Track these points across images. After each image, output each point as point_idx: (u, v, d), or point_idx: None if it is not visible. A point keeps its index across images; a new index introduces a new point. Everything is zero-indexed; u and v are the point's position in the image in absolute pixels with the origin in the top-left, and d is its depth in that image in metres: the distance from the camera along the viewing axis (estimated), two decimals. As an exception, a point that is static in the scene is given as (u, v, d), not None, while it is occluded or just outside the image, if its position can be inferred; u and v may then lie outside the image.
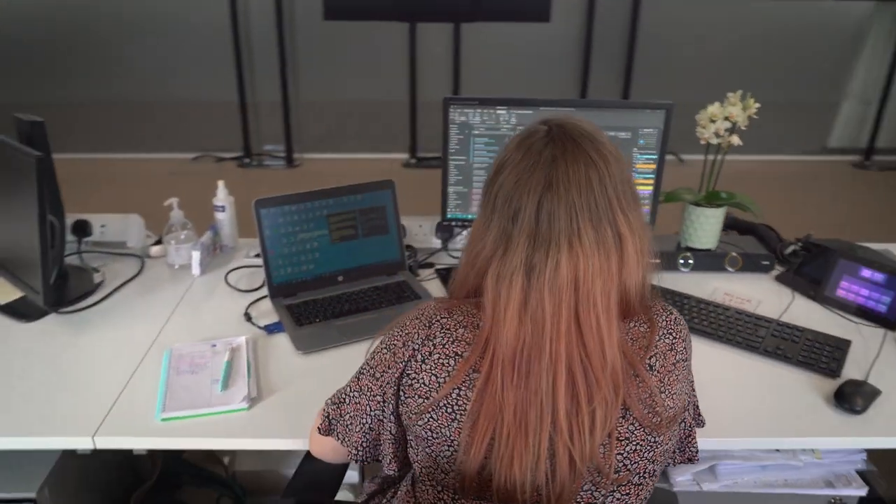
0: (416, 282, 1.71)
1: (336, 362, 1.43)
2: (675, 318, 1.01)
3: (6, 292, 1.60)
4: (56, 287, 1.58)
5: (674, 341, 0.99)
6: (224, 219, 1.82)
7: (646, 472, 0.98)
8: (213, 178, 1.86)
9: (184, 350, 1.43)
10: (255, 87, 4.64)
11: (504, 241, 0.92)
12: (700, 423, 1.14)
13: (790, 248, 1.86)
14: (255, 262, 1.80)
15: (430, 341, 0.96)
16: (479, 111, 1.61)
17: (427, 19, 4.32)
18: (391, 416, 1.02)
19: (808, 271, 1.74)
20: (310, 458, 1.27)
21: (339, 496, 1.39)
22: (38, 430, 1.22)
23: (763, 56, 4.74)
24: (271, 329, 1.52)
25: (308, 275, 1.65)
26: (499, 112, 1.61)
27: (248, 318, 1.56)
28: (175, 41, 4.47)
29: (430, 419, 0.95)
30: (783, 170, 4.70)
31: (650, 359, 0.95)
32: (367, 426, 1.05)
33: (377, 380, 1.02)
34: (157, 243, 1.85)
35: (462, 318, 0.96)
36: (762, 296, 1.69)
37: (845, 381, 1.36)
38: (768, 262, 1.79)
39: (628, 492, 0.97)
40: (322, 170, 4.68)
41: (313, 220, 1.64)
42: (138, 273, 1.75)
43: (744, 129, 1.70)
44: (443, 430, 0.94)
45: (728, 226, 1.97)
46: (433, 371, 0.95)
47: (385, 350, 1.02)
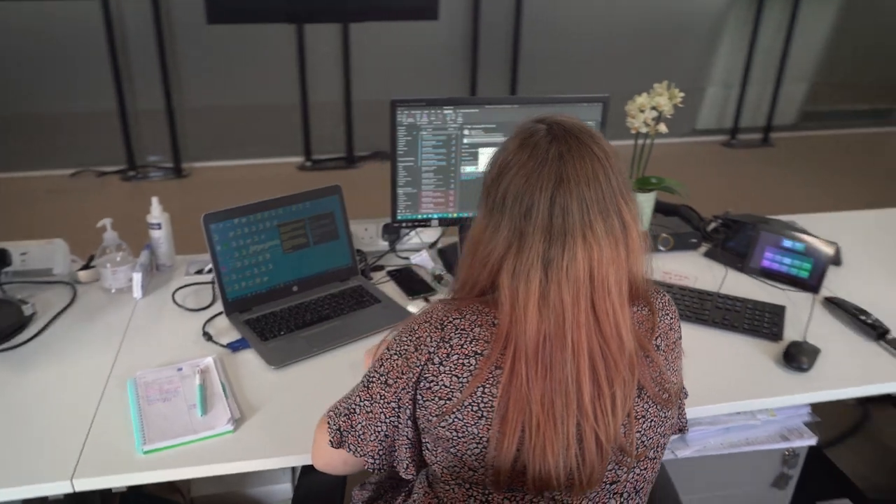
0: (371, 286, 1.70)
1: (311, 374, 1.41)
2: (668, 300, 1.08)
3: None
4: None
5: (671, 321, 1.05)
6: (160, 237, 1.72)
7: (658, 447, 1.03)
8: (96, 194, 1.77)
9: (148, 377, 1.36)
10: (136, 95, 4.39)
11: (517, 239, 0.94)
12: (685, 394, 1.22)
13: (712, 226, 2.00)
14: (201, 278, 1.72)
15: (447, 343, 0.97)
16: (426, 112, 1.62)
17: (314, 20, 4.25)
18: (407, 422, 1.02)
19: (733, 246, 1.88)
20: (307, 473, 1.24)
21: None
22: (8, 481, 1.13)
23: (635, 46, 5.02)
24: (236, 346, 1.47)
25: (262, 287, 1.61)
26: (445, 112, 1.62)
27: (208, 337, 1.50)
28: (44, 49, 4.14)
29: (455, 419, 0.96)
30: (658, 152, 4.99)
31: (656, 339, 1.01)
32: (381, 434, 1.04)
33: (390, 386, 1.02)
34: (86, 267, 1.73)
35: (475, 317, 0.98)
36: (697, 272, 1.81)
37: (789, 343, 1.49)
38: (696, 240, 1.92)
39: (645, 466, 1.02)
40: (214, 178, 4.51)
41: (264, 231, 1.59)
42: (72, 301, 1.63)
43: (669, 116, 1.81)
44: (469, 429, 0.95)
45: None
46: (453, 372, 0.96)
47: (396, 356, 1.02)
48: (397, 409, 1.02)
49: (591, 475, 0.95)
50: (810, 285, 1.73)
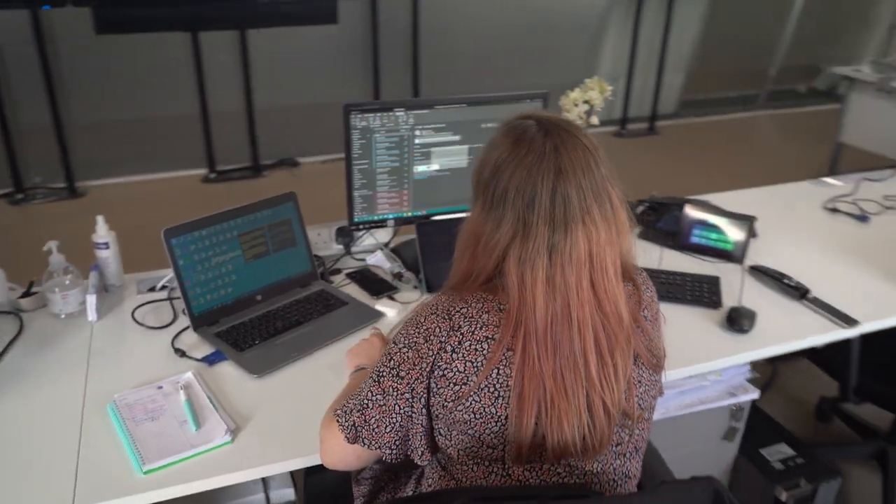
0: (334, 289, 1.72)
1: (294, 379, 1.42)
2: (645, 275, 1.18)
3: None
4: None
5: (651, 294, 1.15)
6: (109, 256, 1.67)
7: (651, 408, 1.13)
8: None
9: (129, 399, 1.33)
10: (18, 112, 4.11)
11: (522, 228, 1.01)
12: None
13: (640, 209, 2.15)
14: (156, 296, 1.68)
15: (457, 332, 1.02)
16: (378, 115, 1.65)
17: (211, 28, 4.14)
18: (422, 410, 1.07)
19: (663, 226, 2.03)
20: (312, 474, 1.26)
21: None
22: (5, 518, 1.08)
23: (527, 43, 5.21)
24: (212, 360, 1.45)
25: (227, 299, 1.59)
26: (397, 114, 1.67)
27: (181, 353, 1.47)
28: None
29: (473, 402, 1.01)
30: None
31: (643, 311, 1.11)
32: (396, 425, 1.08)
33: (402, 378, 1.06)
34: (26, 294, 1.65)
35: (481, 304, 1.04)
36: (636, 252, 1.94)
37: (730, 309, 1.64)
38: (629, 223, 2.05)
39: (643, 427, 1.12)
40: (113, 197, 4.30)
41: (225, 242, 1.58)
42: (20, 331, 1.55)
43: (599, 109, 1.93)
44: (487, 410, 1.01)
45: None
46: (467, 358, 1.01)
47: (406, 348, 1.06)
48: (411, 400, 1.06)
49: (602, 439, 1.03)
50: (735, 256, 1.90)
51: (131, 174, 4.48)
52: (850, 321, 1.64)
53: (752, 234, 1.96)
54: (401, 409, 1.07)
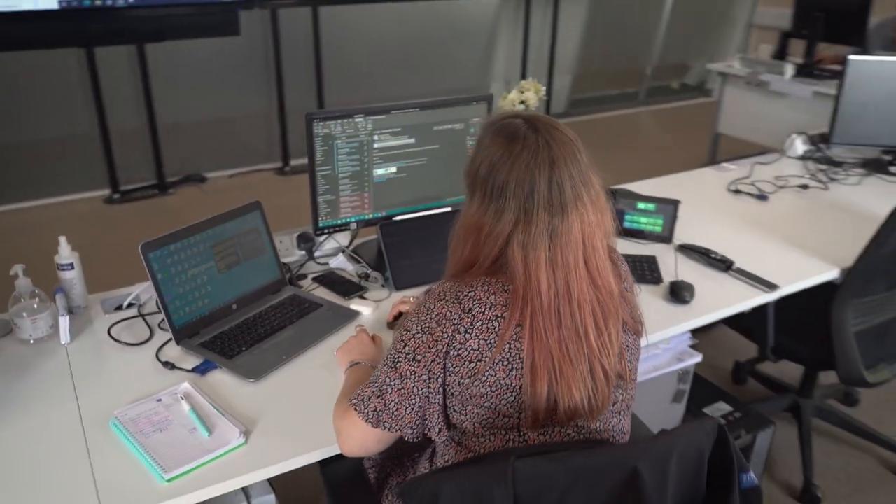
0: (305, 293, 1.77)
1: (289, 379, 1.47)
2: (618, 252, 1.32)
3: None
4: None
5: (627, 268, 1.30)
6: (74, 277, 1.64)
7: (636, 370, 1.27)
8: None
9: (130, 414, 1.33)
10: None
11: (523, 216, 1.12)
12: None
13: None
14: (127, 314, 1.67)
15: (468, 314, 1.12)
16: (339, 122, 1.72)
17: (107, 43, 4.01)
18: (438, 389, 1.16)
19: (596, 214, 2.20)
20: (327, 465, 1.32)
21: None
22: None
23: (425, 51, 5.36)
24: (203, 369, 1.47)
25: (205, 310, 1.61)
26: (357, 120, 1.74)
27: (170, 366, 1.48)
28: None
29: (489, 376, 1.12)
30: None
31: (624, 283, 1.25)
32: (416, 406, 1.17)
33: (419, 362, 1.14)
34: (-15, 323, 1.60)
35: (486, 287, 1.14)
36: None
37: (671, 283, 1.82)
38: (565, 214, 2.21)
39: (632, 388, 1.26)
40: (8, 224, 4.07)
41: (200, 254, 1.60)
42: (-11, 359, 1.51)
43: (534, 108, 2.08)
44: (502, 382, 1.12)
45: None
46: (480, 337, 1.12)
47: (419, 334, 1.15)
48: (428, 381, 1.15)
49: (603, 400, 1.16)
50: (665, 237, 2.10)
51: (28, 199, 4.25)
52: (771, 286, 1.87)
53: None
54: (419, 390, 1.15)
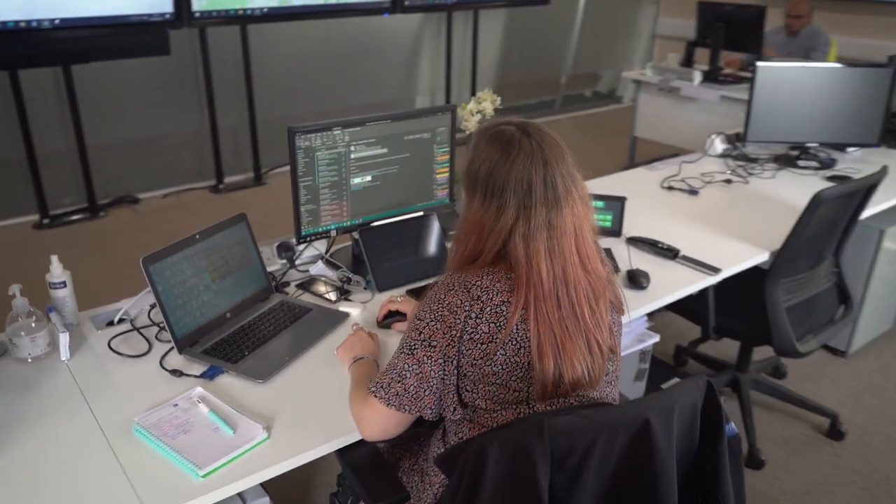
0: (292, 299, 1.85)
1: (295, 378, 1.55)
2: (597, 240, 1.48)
3: None
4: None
5: (604, 254, 1.45)
6: (66, 295, 1.66)
7: (621, 346, 1.43)
8: None
9: (151, 419, 1.38)
10: None
11: (523, 211, 1.26)
12: None
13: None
14: (120, 328, 1.70)
15: (478, 301, 1.25)
16: (319, 134, 1.81)
17: (32, 65, 3.91)
18: (454, 371, 1.28)
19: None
20: (346, 452, 1.41)
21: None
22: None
23: (354, 65, 5.46)
24: (210, 374, 1.54)
25: (202, 319, 1.66)
26: (335, 132, 1.84)
27: (178, 374, 1.53)
28: None
29: (500, 355, 1.25)
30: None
31: (605, 267, 1.40)
32: (433, 388, 1.28)
33: (434, 347, 1.27)
34: (-24, 346, 1.60)
35: (490, 276, 1.27)
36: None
37: (627, 272, 2.00)
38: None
39: (619, 360, 1.41)
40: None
41: (195, 265, 1.65)
42: (-10, 380, 1.51)
43: (490, 117, 2.23)
44: (513, 359, 1.25)
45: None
46: (490, 320, 1.25)
47: (433, 322, 1.27)
48: (444, 364, 1.27)
49: (599, 371, 1.31)
50: (615, 231, 2.29)
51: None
52: (715, 269, 2.08)
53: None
54: (436, 373, 1.27)
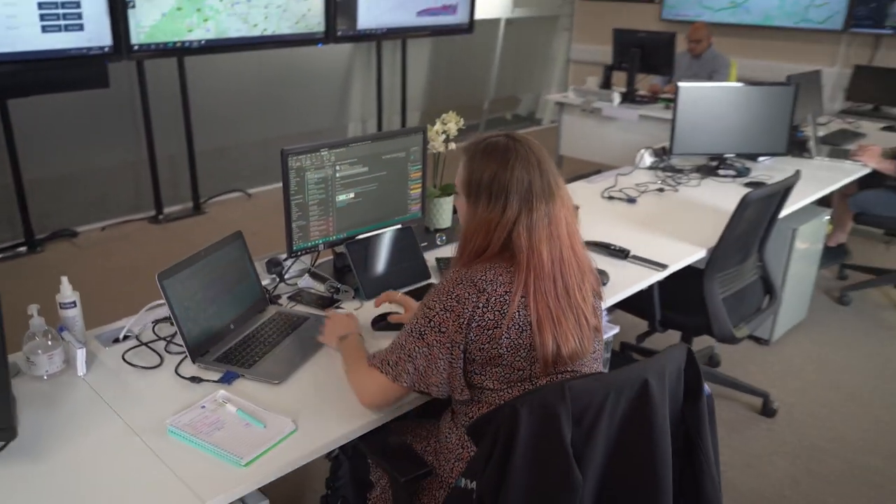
0: (287, 310, 1.97)
1: (308, 376, 1.68)
2: None
3: None
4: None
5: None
6: (76, 315, 1.73)
7: (602, 327, 1.63)
8: None
9: (183, 420, 1.48)
10: None
11: (525, 206, 1.44)
12: None
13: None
14: (127, 344, 1.78)
15: (483, 292, 1.43)
16: (309, 156, 1.96)
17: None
18: (460, 355, 1.44)
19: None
20: (365, 438, 1.55)
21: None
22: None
23: (285, 95, 5.58)
24: (228, 379, 1.64)
25: (210, 330, 1.76)
26: (322, 153, 1.98)
27: (197, 380, 1.63)
28: None
29: (505, 339, 1.42)
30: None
31: (586, 252, 1.60)
32: (440, 369, 1.46)
33: (444, 333, 1.44)
34: (-11, 367, 1.64)
35: (493, 270, 1.45)
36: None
37: (589, 271, 2.22)
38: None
39: (601, 340, 1.61)
40: None
41: (202, 280, 1.76)
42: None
43: (453, 138, 2.43)
44: (516, 342, 1.43)
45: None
46: (494, 309, 1.42)
47: (443, 311, 1.44)
48: (451, 348, 1.44)
49: (588, 344, 1.50)
50: (570, 237, 2.51)
51: None
52: (662, 266, 2.33)
53: (573, 220, 2.58)
54: (443, 356, 1.44)
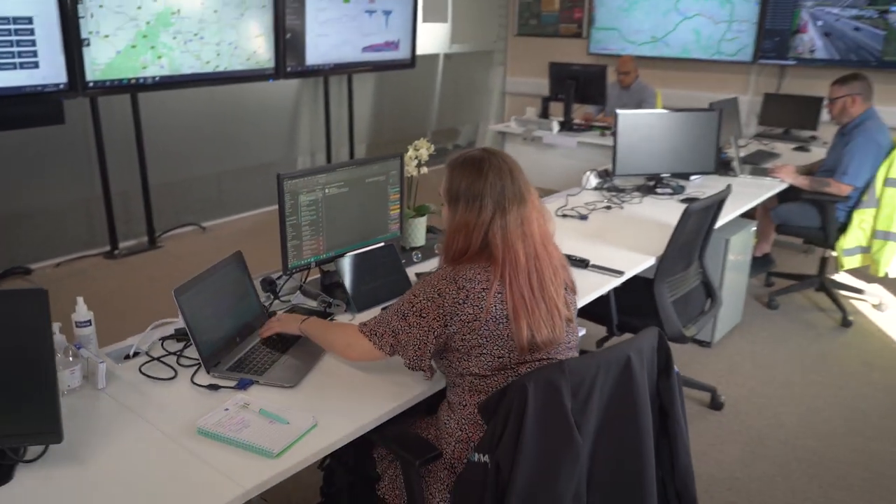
0: (286, 323, 2.11)
1: (317, 381, 1.82)
2: None
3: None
4: None
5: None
6: (90, 333, 1.83)
7: (575, 320, 1.84)
8: None
9: (211, 421, 1.60)
10: None
11: (499, 208, 1.65)
12: None
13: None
14: (139, 360, 1.88)
15: (463, 289, 1.63)
16: (302, 179, 2.12)
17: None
18: (433, 340, 1.65)
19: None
20: (377, 430, 1.70)
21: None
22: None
23: (236, 129, 5.69)
24: (243, 385, 1.77)
25: (220, 343, 1.89)
26: (314, 178, 2.15)
27: (215, 387, 1.75)
28: None
29: (484, 330, 1.62)
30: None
31: (557, 250, 1.81)
32: (416, 346, 1.67)
33: (423, 318, 1.65)
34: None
35: (473, 269, 1.64)
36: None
37: (556, 279, 2.44)
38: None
39: (575, 330, 1.81)
40: None
41: (212, 295, 1.89)
42: (38, 411, 1.65)
43: (424, 163, 2.63)
44: (494, 332, 1.62)
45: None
46: (473, 304, 1.62)
47: (425, 300, 1.65)
48: (427, 331, 1.65)
49: (559, 334, 1.69)
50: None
51: None
52: (619, 272, 2.58)
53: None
54: (420, 336, 1.65)
